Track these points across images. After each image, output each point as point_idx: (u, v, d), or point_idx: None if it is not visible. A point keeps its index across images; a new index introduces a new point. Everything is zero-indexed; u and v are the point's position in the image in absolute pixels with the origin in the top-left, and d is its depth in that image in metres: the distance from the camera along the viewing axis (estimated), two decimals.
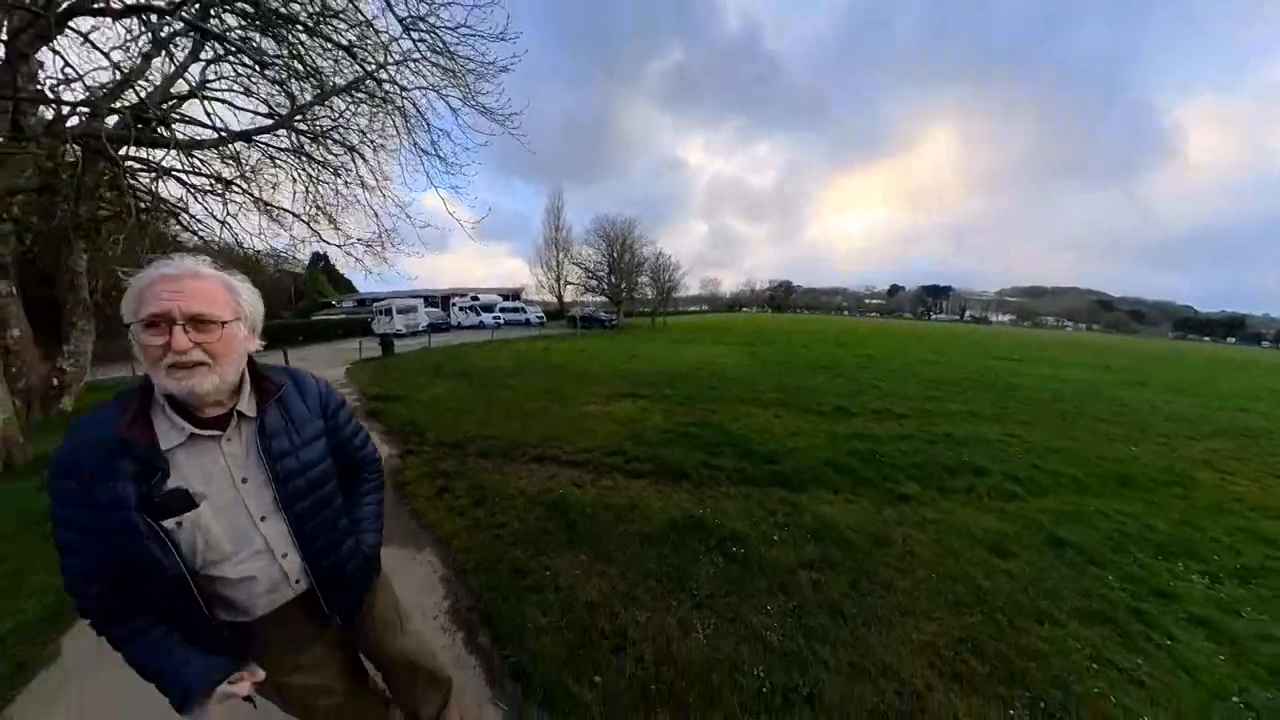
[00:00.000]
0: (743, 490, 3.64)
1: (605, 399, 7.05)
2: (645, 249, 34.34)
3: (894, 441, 4.96)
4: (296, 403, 1.05)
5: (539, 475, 3.94)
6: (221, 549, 0.91)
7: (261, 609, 0.99)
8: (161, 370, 0.81)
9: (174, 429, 0.87)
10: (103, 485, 0.80)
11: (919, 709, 1.70)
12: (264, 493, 0.96)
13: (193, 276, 0.84)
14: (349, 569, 1.11)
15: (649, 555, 2.67)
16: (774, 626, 2.10)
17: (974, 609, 2.30)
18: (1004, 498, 3.73)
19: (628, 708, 1.67)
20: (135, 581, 0.85)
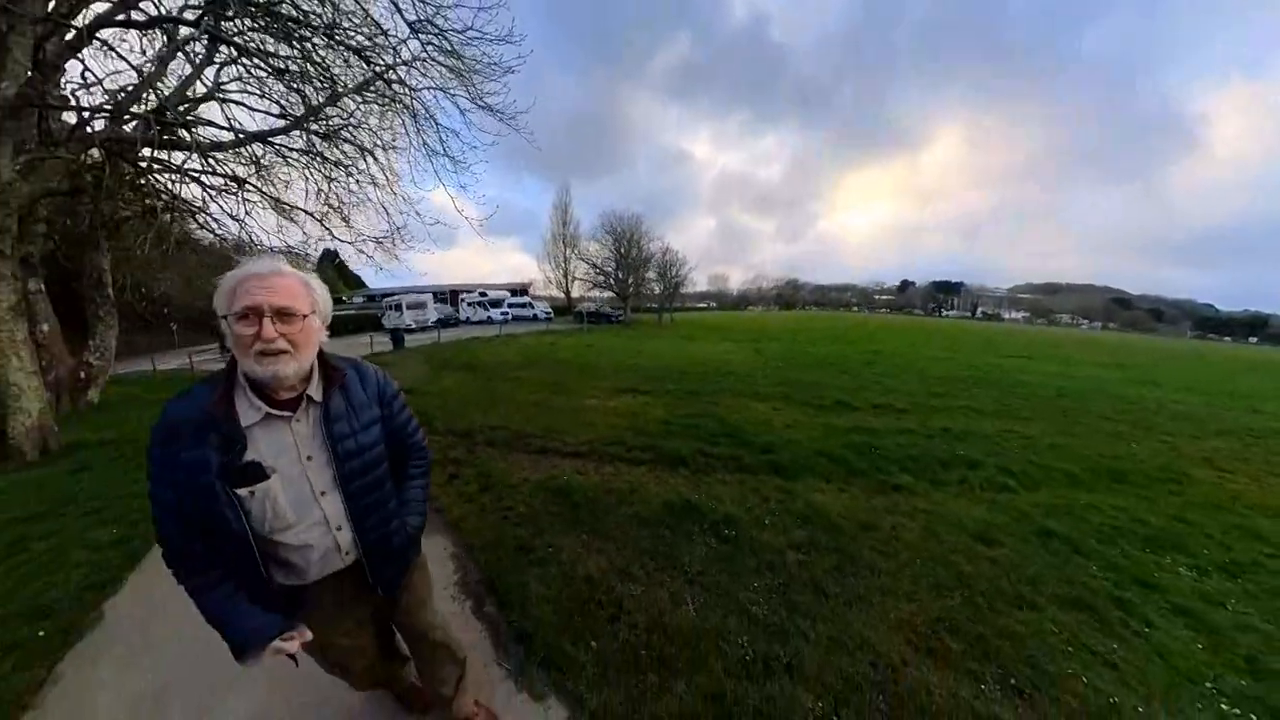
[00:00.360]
0: (738, 477, 3.77)
1: (608, 393, 7.19)
2: (652, 244, 34.39)
3: (891, 435, 5.04)
4: (357, 390, 1.14)
5: (543, 464, 4.10)
6: (285, 518, 1.02)
7: (315, 575, 1.10)
8: (251, 356, 0.92)
9: (253, 408, 0.98)
10: (190, 453, 0.92)
11: (893, 680, 1.80)
12: (325, 470, 1.06)
13: (278, 275, 0.95)
14: (394, 546, 1.21)
15: (645, 535, 2.81)
16: (759, 601, 2.23)
17: (954, 592, 2.39)
18: (996, 490, 3.80)
19: (620, 669, 1.80)
20: (210, 540, 0.97)
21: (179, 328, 18.79)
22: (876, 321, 46.66)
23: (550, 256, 41.98)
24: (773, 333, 23.39)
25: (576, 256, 38.01)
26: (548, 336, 20.03)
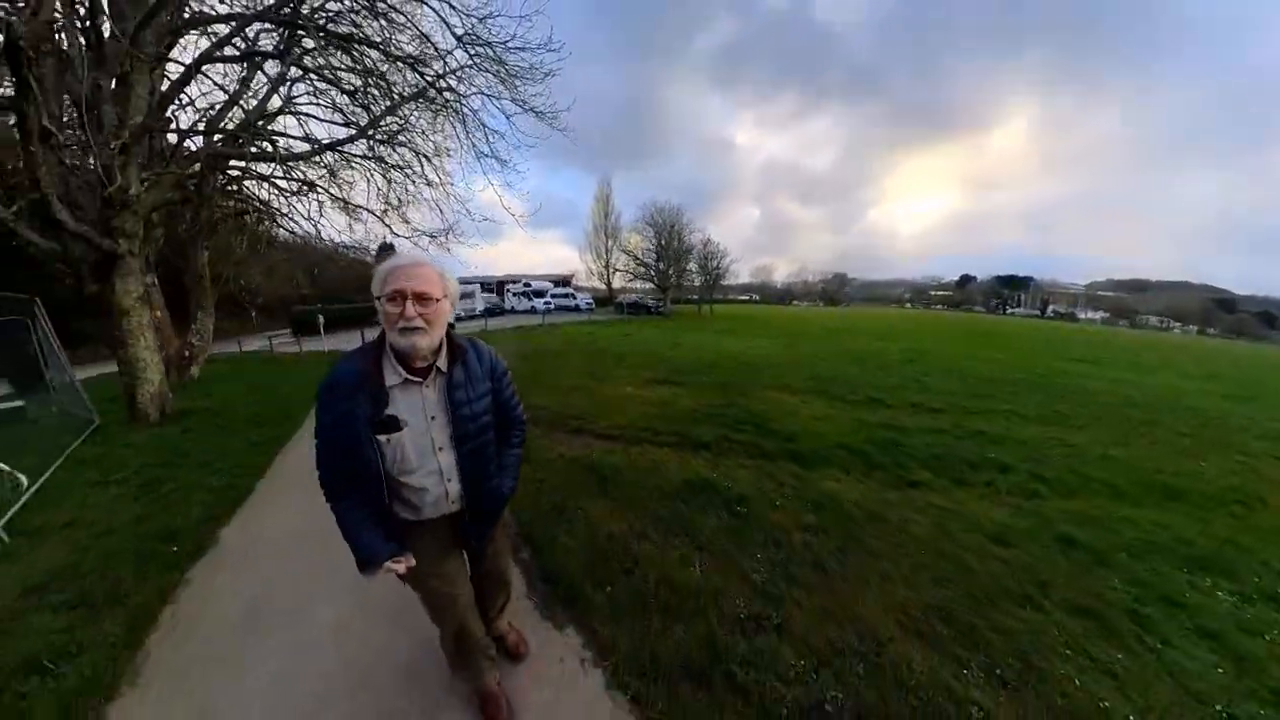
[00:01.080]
0: (756, 463, 3.94)
1: (643, 383, 7.45)
2: (693, 236, 34.19)
3: (920, 434, 4.98)
4: (474, 365, 1.33)
5: (577, 443, 4.44)
6: (410, 463, 1.24)
7: (427, 515, 1.32)
8: (396, 331, 1.13)
9: (394, 373, 1.20)
10: (348, 402, 1.16)
11: (875, 652, 1.93)
12: (444, 429, 1.27)
13: (418, 266, 1.16)
14: (489, 502, 1.40)
15: (663, 506, 3.08)
16: (760, 570, 2.42)
17: (954, 584, 2.43)
18: (1024, 495, 3.69)
19: (629, 612, 2.09)
20: (353, 473, 1.21)
21: (258, 314, 20.77)
22: (930, 318, 44.24)
23: (592, 248, 42.67)
24: (814, 328, 22.81)
25: (618, 248, 38.42)
26: (588, 326, 20.56)
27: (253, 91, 6.61)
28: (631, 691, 1.71)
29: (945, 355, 13.12)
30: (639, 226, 35.30)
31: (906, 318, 42.04)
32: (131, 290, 5.06)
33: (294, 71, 6.30)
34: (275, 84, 6.41)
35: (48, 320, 5.60)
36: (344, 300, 22.81)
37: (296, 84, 6.63)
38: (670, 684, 1.73)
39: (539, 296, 33.34)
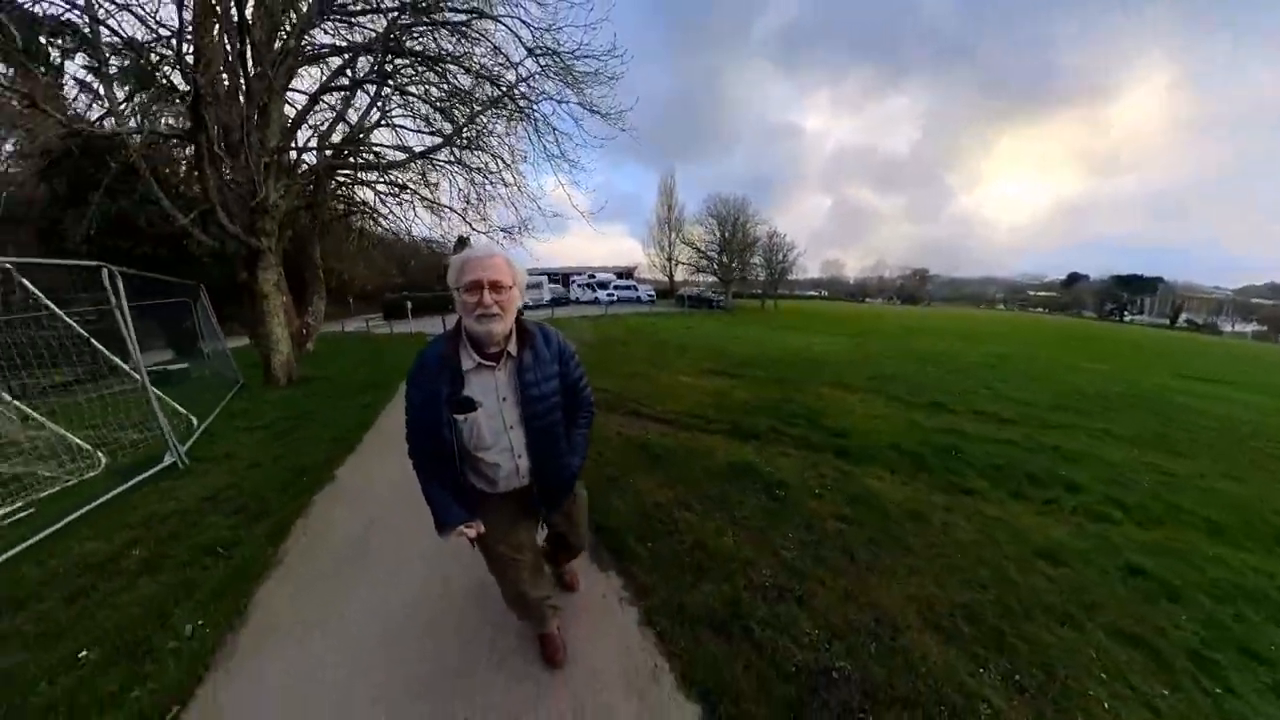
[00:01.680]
0: (802, 454, 4.03)
1: (699, 373, 7.67)
2: (758, 228, 33.30)
3: (983, 442, 4.71)
4: (543, 349, 1.39)
5: (634, 424, 4.77)
6: (484, 441, 1.34)
7: (500, 488, 1.42)
8: (473, 317, 1.22)
9: (470, 358, 1.30)
10: (432, 384, 1.29)
11: (890, 636, 2.00)
12: (514, 410, 1.35)
13: (491, 257, 1.25)
14: (557, 477, 1.48)
15: (707, 484, 3.33)
16: (791, 549, 2.58)
17: (989, 590, 2.34)
18: (1091, 518, 3.37)
19: (666, 566, 2.39)
20: (435, 446, 1.33)
21: (355, 301, 23.37)
22: (1026, 321, 39.72)
23: (655, 240, 42.83)
24: (886, 327, 21.47)
25: (680, 241, 38.30)
26: (649, 318, 20.95)
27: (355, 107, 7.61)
28: (659, 629, 1.99)
29: (1034, 362, 11.92)
30: (701, 219, 34.97)
31: (997, 320, 38.02)
32: (269, 279, 6.13)
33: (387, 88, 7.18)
34: (373, 101, 7.32)
35: (209, 302, 6.89)
36: (427, 289, 25.00)
37: (390, 99, 7.53)
38: (693, 628, 1.98)
39: (602, 288, 34.23)
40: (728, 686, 1.73)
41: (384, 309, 21.58)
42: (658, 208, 42.84)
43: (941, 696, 1.74)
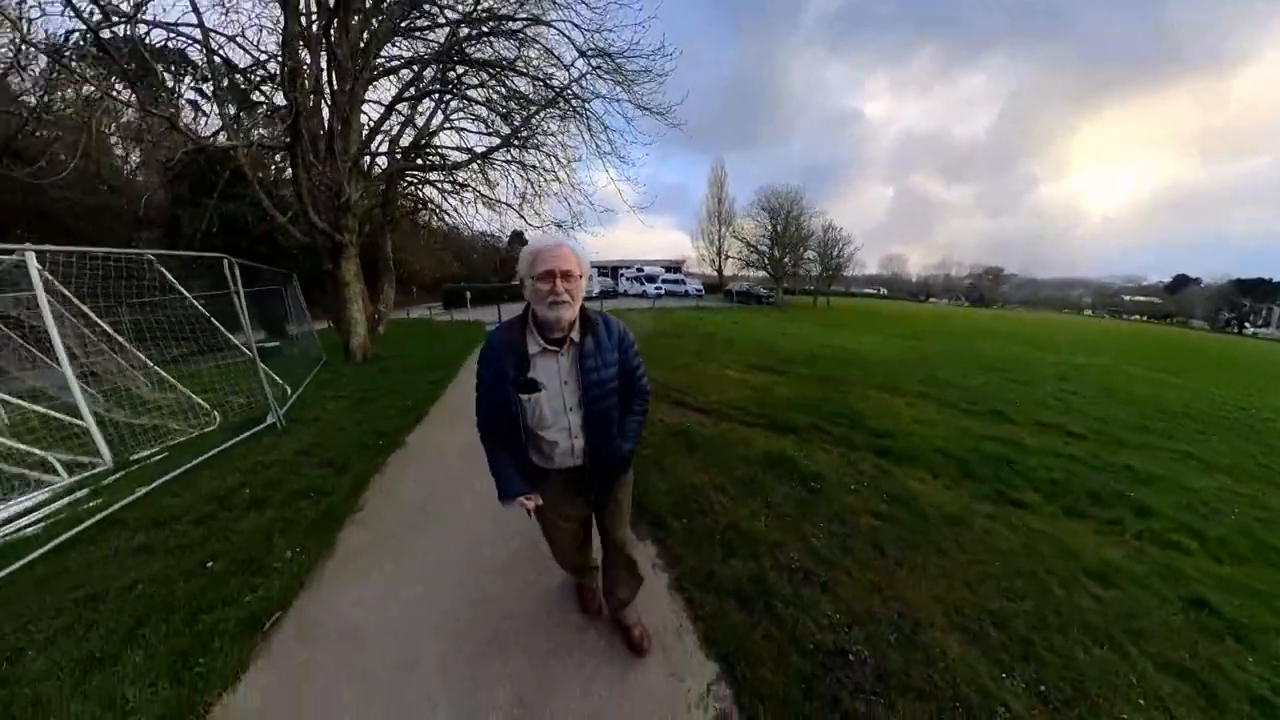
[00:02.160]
0: (841, 450, 4.02)
1: (743, 368, 7.70)
2: (813, 220, 32.07)
3: (1041, 454, 4.43)
4: (604, 337, 1.46)
5: (676, 413, 4.94)
6: (545, 420, 1.43)
7: (556, 465, 1.52)
8: (545, 304, 1.30)
9: (535, 343, 1.38)
10: (500, 362, 1.38)
11: (911, 629, 2.03)
12: (575, 392, 1.43)
13: (561, 247, 1.32)
14: (609, 459, 1.55)
15: (743, 470, 3.45)
16: (820, 538, 2.65)
17: (1024, 601, 2.26)
18: (1159, 544, 3.07)
19: (697, 541, 2.57)
20: (501, 423, 1.45)
21: (417, 290, 25.03)
22: (1122, 330, 35.71)
23: (704, 234, 42.25)
24: (950, 329, 20.18)
25: (730, 234, 37.61)
26: (696, 312, 20.95)
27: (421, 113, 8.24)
28: (688, 595, 2.16)
29: (1117, 375, 10.85)
30: (752, 212, 34.12)
31: (1081, 326, 34.58)
32: (350, 269, 6.86)
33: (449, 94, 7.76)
34: (437, 105, 7.90)
35: (300, 289, 7.76)
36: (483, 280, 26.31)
37: (451, 103, 8.09)
38: (719, 597, 2.14)
39: (650, 281, 34.38)
40: (746, 652, 1.86)
41: (444, 298, 22.96)
42: (707, 200, 42.12)
43: (958, 693, 1.74)
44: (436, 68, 6.91)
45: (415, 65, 6.92)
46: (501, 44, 6.80)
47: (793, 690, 1.72)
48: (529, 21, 6.45)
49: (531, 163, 7.92)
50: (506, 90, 7.20)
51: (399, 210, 9.54)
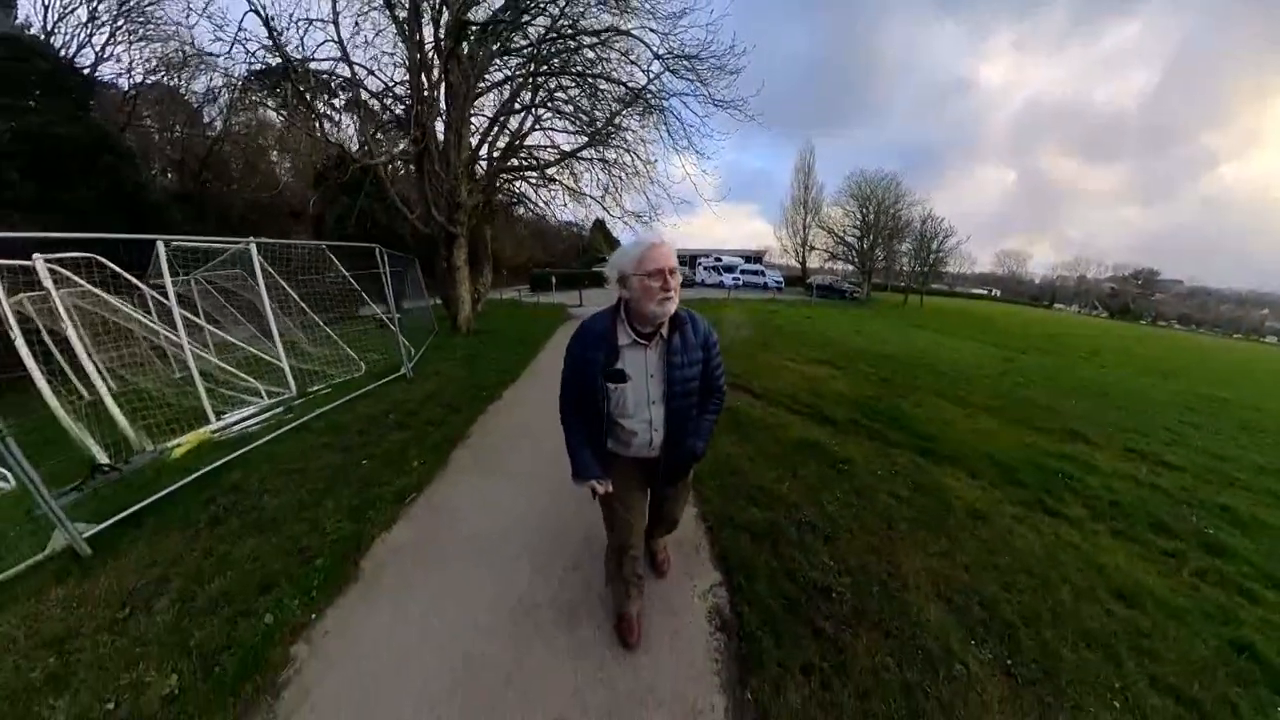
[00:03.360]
0: (876, 445, 4.19)
1: (804, 361, 7.88)
2: (911, 209, 29.36)
3: (1112, 477, 4.08)
4: (690, 334, 1.49)
5: (730, 398, 5.36)
6: (627, 410, 1.50)
7: (631, 454, 1.59)
8: (655, 301, 1.33)
9: (626, 335, 1.44)
10: (590, 352, 1.45)
11: (898, 588, 2.30)
12: (659, 387, 1.48)
13: (665, 245, 1.36)
14: (681, 455, 1.61)
15: (776, 449, 3.89)
16: (834, 504, 3.04)
17: (1022, 594, 2.31)
18: (1220, 585, 2.73)
19: (725, 495, 3.11)
20: (584, 406, 1.52)
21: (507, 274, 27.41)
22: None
23: (789, 223, 40.30)
24: (1066, 343, 17.62)
25: (816, 224, 35.69)
26: (772, 305, 20.68)
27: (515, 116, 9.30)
28: (710, 525, 2.76)
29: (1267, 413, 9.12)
30: (840, 200, 32.04)
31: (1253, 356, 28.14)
32: (461, 256, 8.26)
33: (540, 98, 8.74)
34: (528, 110, 8.88)
35: (419, 270, 9.30)
36: (565, 265, 28.03)
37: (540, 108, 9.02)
38: (735, 532, 2.69)
39: (728, 272, 34.02)
40: (747, 570, 2.38)
41: (531, 281, 24.93)
42: (793, 187, 39.99)
43: (921, 643, 1.97)
44: (529, 80, 7.90)
45: (511, 82, 8.04)
46: (584, 54, 7.60)
47: (776, 603, 2.21)
48: (610, 32, 7.14)
49: (613, 159, 8.74)
50: (589, 89, 7.93)
51: (498, 204, 10.83)
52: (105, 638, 1.97)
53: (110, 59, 16.59)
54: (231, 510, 2.86)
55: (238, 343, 6.01)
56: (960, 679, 1.86)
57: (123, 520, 2.68)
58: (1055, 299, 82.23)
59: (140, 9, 16.61)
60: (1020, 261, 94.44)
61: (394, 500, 2.94)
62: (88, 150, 10.13)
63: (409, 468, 3.36)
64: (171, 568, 2.37)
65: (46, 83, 10.50)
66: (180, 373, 5.33)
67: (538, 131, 9.33)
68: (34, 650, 1.91)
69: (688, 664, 1.91)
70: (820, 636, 2.04)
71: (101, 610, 2.11)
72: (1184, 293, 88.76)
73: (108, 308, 4.71)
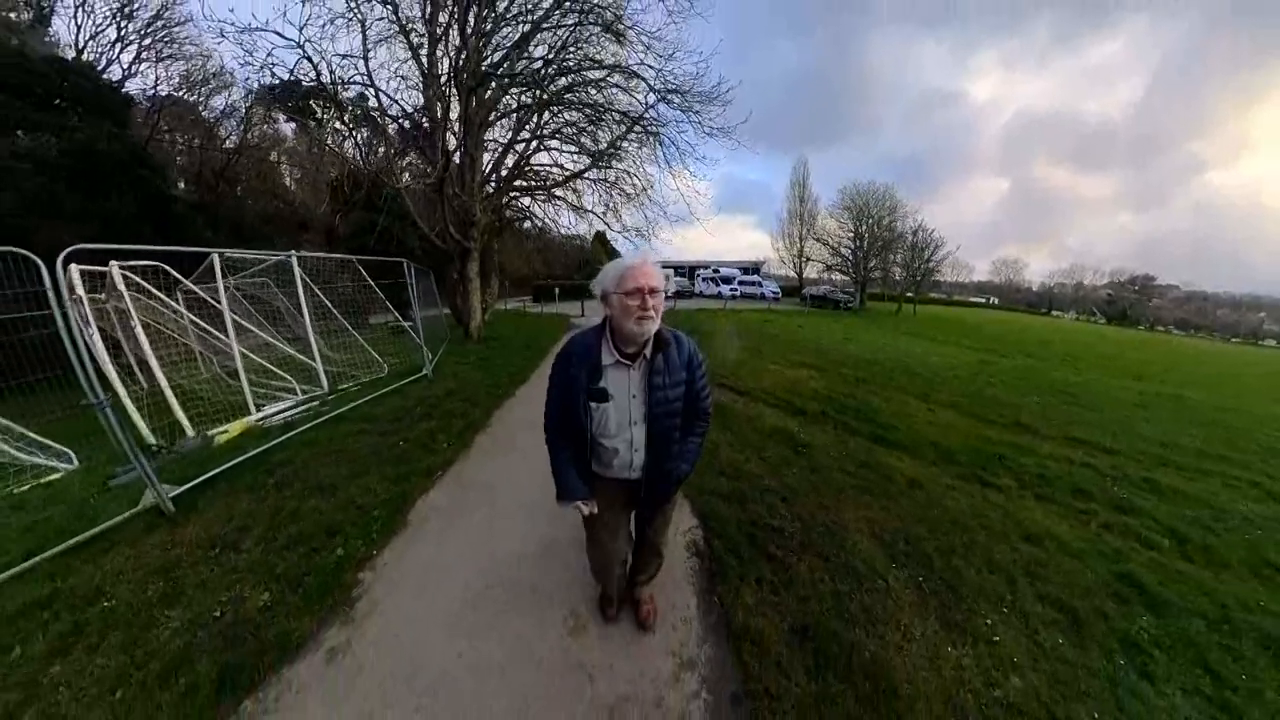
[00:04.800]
0: (838, 433, 4.80)
1: (789, 364, 8.49)
2: (904, 221, 30.31)
3: (1047, 459, 4.56)
4: (674, 355, 1.49)
5: (715, 395, 5.95)
6: (609, 430, 1.52)
7: (615, 474, 1.62)
8: (633, 319, 1.33)
9: (610, 355, 1.45)
10: (573, 370, 1.47)
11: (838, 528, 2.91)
12: (641, 407, 1.49)
13: (648, 264, 1.36)
14: (664, 478, 1.61)
15: (751, 433, 4.51)
16: (792, 478, 3.61)
17: (944, 536, 2.85)
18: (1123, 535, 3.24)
19: (701, 469, 3.51)
20: (567, 425, 1.55)
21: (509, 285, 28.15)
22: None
23: (785, 234, 41.07)
24: (1053, 348, 18.28)
25: (811, 236, 36.52)
26: (767, 315, 21.29)
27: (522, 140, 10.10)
28: (685, 492, 3.20)
29: (1232, 412, 9.69)
30: (834, 212, 32.96)
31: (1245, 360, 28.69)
32: (473, 269, 9.07)
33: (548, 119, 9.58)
34: (533, 134, 9.66)
35: (435, 282, 10.02)
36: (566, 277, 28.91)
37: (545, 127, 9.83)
38: (706, 495, 3.27)
39: (726, 283, 34.65)
40: (717, 518, 2.99)
41: (534, 292, 25.69)
42: (788, 200, 40.83)
43: (849, 563, 2.56)
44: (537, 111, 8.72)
45: (521, 111, 8.87)
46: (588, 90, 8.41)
47: (740, 538, 2.81)
48: (613, 68, 7.98)
49: (613, 179, 9.52)
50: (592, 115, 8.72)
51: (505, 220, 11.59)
52: (203, 568, 2.52)
53: (135, 75, 17.82)
54: (291, 479, 3.45)
55: (278, 343, 6.64)
56: (880, 590, 2.43)
57: (196, 486, 3.25)
58: (1053, 306, 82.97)
59: (168, 30, 17.82)
60: (1017, 269, 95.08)
61: (425, 475, 3.54)
62: (125, 164, 11.04)
63: (439, 449, 3.97)
64: (248, 519, 2.95)
65: (89, 102, 11.45)
66: (208, 371, 6.00)
67: (543, 152, 10.11)
68: (145, 577, 2.39)
69: (669, 577, 2.48)
70: (772, 560, 2.64)
71: (195, 550, 2.66)
72: (1181, 297, 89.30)
73: (160, 309, 5.37)
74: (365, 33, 6.62)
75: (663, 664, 1.97)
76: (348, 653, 2.03)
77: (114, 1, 17.03)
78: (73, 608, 2.23)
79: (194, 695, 1.78)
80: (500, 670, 1.95)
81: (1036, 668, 2.03)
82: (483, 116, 7.99)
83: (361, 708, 1.79)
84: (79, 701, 1.76)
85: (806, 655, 2.02)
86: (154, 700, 1.76)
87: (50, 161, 9.81)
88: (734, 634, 2.13)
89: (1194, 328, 74.06)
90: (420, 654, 2.03)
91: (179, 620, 2.14)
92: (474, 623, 2.21)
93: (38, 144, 9.89)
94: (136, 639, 2.04)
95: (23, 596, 2.30)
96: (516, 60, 7.75)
